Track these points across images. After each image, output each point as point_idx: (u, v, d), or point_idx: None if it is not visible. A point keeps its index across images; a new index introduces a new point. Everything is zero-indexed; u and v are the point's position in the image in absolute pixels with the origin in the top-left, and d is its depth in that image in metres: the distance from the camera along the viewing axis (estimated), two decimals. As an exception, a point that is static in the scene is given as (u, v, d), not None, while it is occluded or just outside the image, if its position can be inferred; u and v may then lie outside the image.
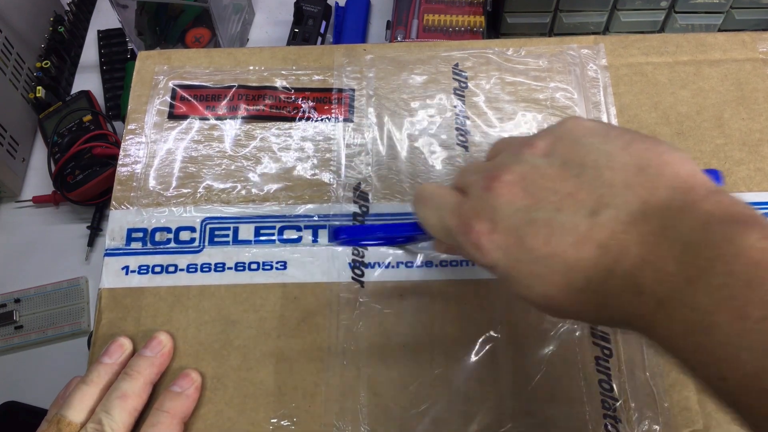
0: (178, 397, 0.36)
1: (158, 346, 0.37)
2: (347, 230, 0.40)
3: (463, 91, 0.44)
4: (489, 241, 0.29)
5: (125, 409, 0.34)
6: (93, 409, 0.35)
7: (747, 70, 0.44)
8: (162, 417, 0.35)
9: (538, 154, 0.29)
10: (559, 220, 0.27)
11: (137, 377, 0.35)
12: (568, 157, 0.28)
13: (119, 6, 0.67)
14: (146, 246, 0.41)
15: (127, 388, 0.35)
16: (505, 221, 0.28)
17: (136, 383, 0.35)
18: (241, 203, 0.42)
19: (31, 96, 0.70)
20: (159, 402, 0.35)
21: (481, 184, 0.30)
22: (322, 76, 0.45)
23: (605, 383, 0.36)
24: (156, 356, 0.37)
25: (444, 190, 0.33)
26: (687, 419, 0.35)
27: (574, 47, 0.45)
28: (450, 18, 0.67)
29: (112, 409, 0.34)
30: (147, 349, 0.37)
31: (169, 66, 0.46)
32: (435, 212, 0.33)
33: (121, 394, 0.35)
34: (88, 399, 0.35)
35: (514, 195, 0.28)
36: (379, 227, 0.39)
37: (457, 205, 0.31)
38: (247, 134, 0.44)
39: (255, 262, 0.40)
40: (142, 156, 0.43)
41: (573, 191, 0.27)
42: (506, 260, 0.28)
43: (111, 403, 0.34)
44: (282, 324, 0.38)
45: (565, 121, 0.30)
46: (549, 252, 0.27)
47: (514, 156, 0.30)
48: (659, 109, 0.43)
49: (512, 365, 0.36)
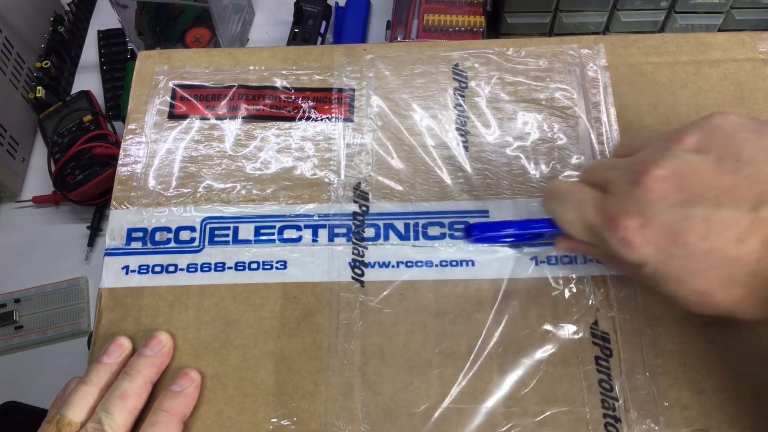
0: (178, 396, 0.36)
1: (158, 346, 0.37)
2: (480, 227, 0.39)
3: (463, 91, 0.44)
4: (639, 236, 0.29)
5: (125, 408, 0.34)
6: (93, 409, 0.35)
7: (747, 70, 0.44)
8: (161, 416, 0.35)
9: (689, 149, 0.29)
10: (719, 216, 0.27)
11: (137, 376, 0.35)
12: (722, 152, 0.28)
13: (119, 6, 0.67)
14: (146, 246, 0.41)
15: (127, 388, 0.35)
16: (657, 217, 0.28)
17: (136, 382, 0.35)
18: (241, 203, 0.42)
19: (31, 96, 0.70)
20: (158, 401, 0.35)
21: (628, 179, 0.30)
22: (322, 75, 0.45)
23: (605, 383, 0.36)
24: (156, 355, 0.37)
25: (580, 186, 0.33)
26: (687, 419, 0.35)
27: (574, 47, 0.45)
28: (450, 18, 0.67)
29: (112, 408, 0.34)
30: (147, 349, 0.37)
31: (169, 66, 0.46)
32: (573, 209, 0.33)
33: (120, 394, 0.35)
34: (88, 398, 0.35)
35: (666, 190, 0.29)
36: (512, 223, 0.39)
37: (599, 201, 0.31)
38: (247, 134, 0.44)
39: (255, 262, 0.40)
40: (142, 156, 0.43)
41: (731, 187, 0.28)
42: (657, 256, 0.29)
43: (111, 403, 0.34)
44: (282, 323, 0.38)
45: (713, 116, 0.30)
46: (707, 247, 0.27)
47: (662, 151, 0.30)
48: (659, 109, 0.43)
49: (512, 365, 0.36)
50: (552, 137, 0.42)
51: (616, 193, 0.31)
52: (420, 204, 0.41)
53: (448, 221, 0.40)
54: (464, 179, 0.41)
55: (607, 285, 0.38)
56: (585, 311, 0.37)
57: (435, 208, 0.41)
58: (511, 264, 0.39)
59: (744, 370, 0.36)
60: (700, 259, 0.28)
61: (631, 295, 0.37)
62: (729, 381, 0.35)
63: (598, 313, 0.37)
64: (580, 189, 0.33)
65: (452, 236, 0.40)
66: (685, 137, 0.30)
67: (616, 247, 0.30)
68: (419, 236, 0.40)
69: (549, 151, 0.42)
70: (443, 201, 0.41)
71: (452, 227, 0.40)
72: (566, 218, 0.33)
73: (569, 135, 0.42)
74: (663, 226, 0.28)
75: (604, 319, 0.37)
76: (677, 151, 0.30)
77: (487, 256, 0.39)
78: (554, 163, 0.41)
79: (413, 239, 0.40)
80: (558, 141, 0.42)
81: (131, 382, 0.35)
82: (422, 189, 0.41)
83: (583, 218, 0.32)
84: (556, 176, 0.41)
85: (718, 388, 0.35)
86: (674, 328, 0.37)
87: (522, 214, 0.40)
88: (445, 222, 0.40)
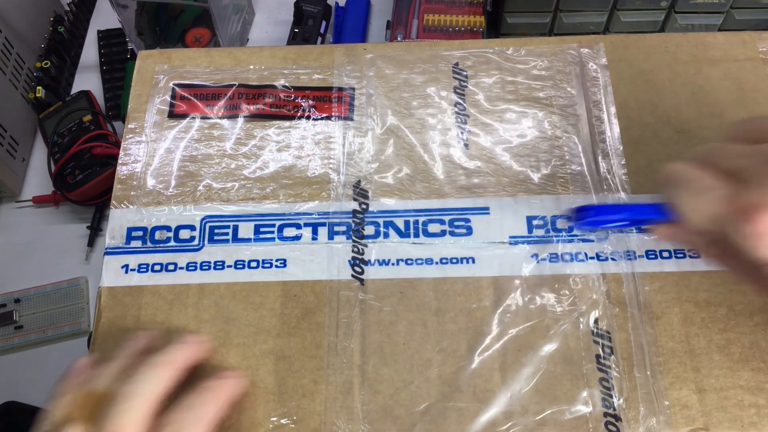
0: (214, 390, 0.34)
1: (195, 338, 0.36)
2: (594, 209, 0.36)
3: (464, 90, 0.44)
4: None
5: (159, 376, 0.33)
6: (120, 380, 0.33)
7: (747, 70, 0.44)
8: (203, 397, 0.33)
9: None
10: None
11: (168, 355, 0.34)
12: None
13: (119, 6, 0.67)
14: (146, 244, 0.41)
15: (160, 359, 0.34)
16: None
17: (169, 368, 0.34)
18: (240, 201, 0.42)
19: (31, 96, 0.70)
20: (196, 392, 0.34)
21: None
22: (322, 75, 0.45)
23: (606, 381, 0.36)
24: (192, 345, 0.36)
25: (705, 173, 0.30)
26: (687, 417, 0.35)
27: (575, 47, 0.45)
28: (450, 18, 0.67)
29: (142, 375, 0.33)
30: (183, 337, 0.36)
31: (169, 65, 0.46)
32: (699, 197, 0.30)
33: (156, 362, 0.33)
34: (112, 372, 0.34)
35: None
36: (626, 207, 0.37)
37: (731, 190, 0.29)
38: (247, 133, 0.44)
39: (255, 260, 0.40)
40: (142, 155, 0.43)
41: None
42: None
43: (142, 371, 0.33)
44: (282, 322, 0.38)
45: None
46: None
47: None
48: (659, 109, 0.43)
49: (513, 363, 0.36)
50: (552, 136, 0.42)
51: (754, 184, 0.28)
52: (420, 201, 0.41)
53: (448, 219, 0.40)
54: (464, 177, 0.41)
55: (608, 283, 0.38)
56: (586, 309, 0.37)
57: (435, 205, 0.41)
58: (512, 261, 0.39)
59: (745, 369, 0.35)
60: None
61: (632, 293, 0.37)
62: (729, 380, 0.35)
63: (599, 311, 0.37)
64: (708, 176, 0.30)
65: (453, 233, 0.40)
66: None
67: (746, 241, 0.28)
68: (419, 234, 0.40)
69: (549, 150, 0.42)
70: (443, 198, 0.41)
71: (453, 224, 0.40)
72: (691, 207, 0.31)
73: (569, 134, 0.42)
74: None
75: (605, 318, 0.37)
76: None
77: (488, 253, 0.39)
78: (554, 161, 0.41)
79: (413, 237, 0.40)
80: (558, 139, 0.42)
81: (163, 355, 0.34)
82: (422, 187, 0.41)
83: (710, 208, 0.30)
84: (556, 174, 0.41)
85: (719, 387, 0.35)
86: (675, 327, 0.37)
87: (523, 212, 0.40)
88: (445, 219, 0.40)
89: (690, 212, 0.31)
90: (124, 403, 0.31)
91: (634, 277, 0.38)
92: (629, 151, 0.41)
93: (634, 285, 0.38)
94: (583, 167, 0.41)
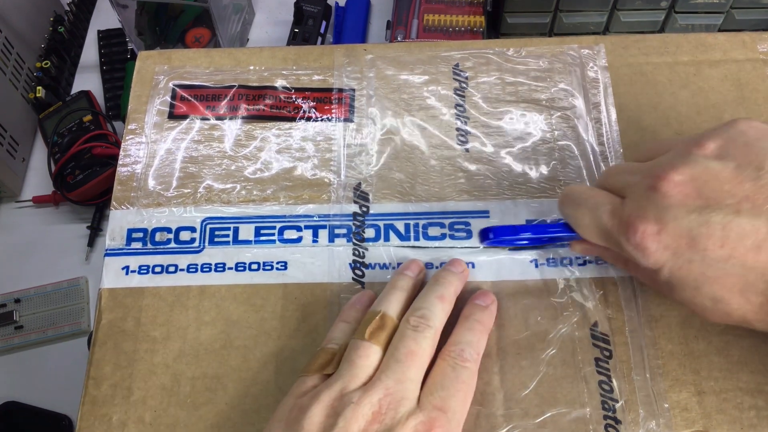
0: (485, 311, 0.36)
1: (460, 266, 0.37)
2: (496, 230, 0.39)
3: (464, 91, 0.44)
4: (656, 241, 0.29)
5: (442, 309, 0.34)
6: (403, 310, 0.35)
7: (747, 70, 0.44)
8: (475, 324, 0.35)
9: (710, 155, 0.29)
10: (738, 223, 0.27)
11: (449, 285, 0.36)
12: (742, 159, 0.28)
13: (119, 6, 0.67)
14: (146, 246, 0.41)
15: (444, 292, 0.35)
16: (674, 222, 0.28)
17: (450, 289, 0.35)
18: (241, 203, 0.42)
19: (31, 96, 0.70)
20: (468, 311, 0.36)
21: (646, 184, 0.29)
22: (322, 75, 0.45)
23: (605, 384, 0.36)
24: (461, 273, 0.37)
25: (596, 191, 0.33)
26: (687, 420, 0.35)
27: (575, 47, 0.45)
28: (450, 18, 0.67)
29: (431, 306, 0.34)
30: (452, 267, 0.37)
31: (169, 66, 0.46)
32: (589, 213, 0.32)
33: (439, 295, 0.35)
34: (401, 300, 0.35)
35: (685, 195, 0.28)
36: (528, 227, 0.38)
37: (616, 205, 0.31)
38: (248, 134, 0.44)
39: (255, 263, 0.40)
40: (142, 156, 0.43)
41: (751, 194, 0.27)
42: (674, 261, 0.29)
43: (430, 301, 0.34)
44: (282, 324, 0.38)
45: (736, 122, 0.30)
46: (725, 254, 0.27)
47: (681, 156, 0.30)
48: (659, 110, 0.43)
49: (512, 367, 0.36)
50: (552, 137, 0.42)
51: (633, 198, 0.30)
52: (420, 204, 0.41)
53: (448, 222, 0.40)
54: (465, 179, 0.41)
55: (606, 287, 0.38)
56: (585, 313, 0.37)
57: (435, 208, 0.41)
58: (511, 266, 0.39)
59: (744, 371, 0.36)
60: (717, 266, 0.28)
61: (630, 296, 0.37)
62: (729, 382, 0.35)
63: (598, 314, 0.37)
64: (597, 193, 0.33)
65: (453, 237, 0.40)
66: (706, 143, 0.29)
67: (632, 252, 0.30)
68: (420, 237, 0.40)
69: (549, 152, 0.42)
70: (443, 201, 0.41)
71: (453, 228, 0.40)
72: (582, 223, 0.33)
73: (569, 135, 0.42)
74: (680, 231, 0.28)
75: (604, 321, 0.37)
76: (697, 156, 0.29)
77: (487, 258, 0.39)
78: (555, 163, 0.41)
79: (414, 240, 0.40)
80: (558, 141, 0.42)
81: (446, 288, 0.35)
82: (422, 189, 0.41)
83: (599, 223, 0.32)
84: (556, 177, 0.41)
85: (718, 389, 0.35)
86: (674, 329, 0.37)
87: (523, 215, 0.40)
88: (445, 222, 0.40)
89: (582, 228, 0.34)
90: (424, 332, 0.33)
91: (632, 280, 0.38)
92: (629, 152, 0.41)
93: (632, 288, 0.38)
94: (583, 169, 0.41)
